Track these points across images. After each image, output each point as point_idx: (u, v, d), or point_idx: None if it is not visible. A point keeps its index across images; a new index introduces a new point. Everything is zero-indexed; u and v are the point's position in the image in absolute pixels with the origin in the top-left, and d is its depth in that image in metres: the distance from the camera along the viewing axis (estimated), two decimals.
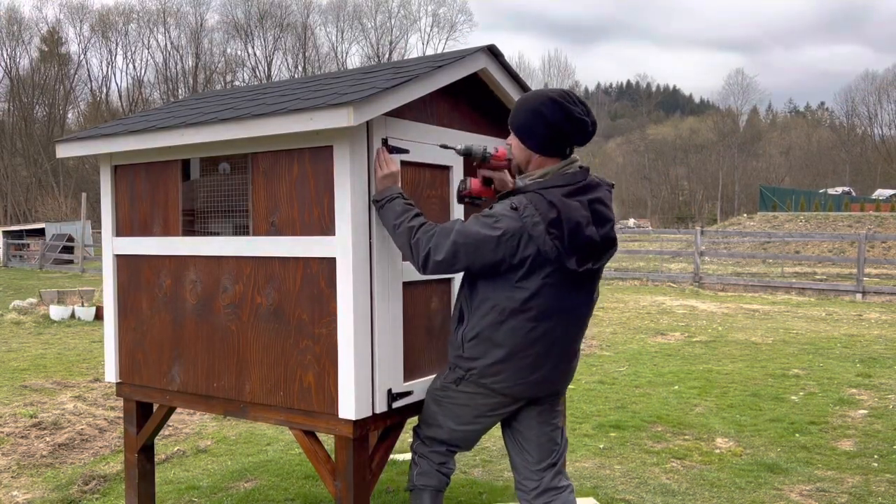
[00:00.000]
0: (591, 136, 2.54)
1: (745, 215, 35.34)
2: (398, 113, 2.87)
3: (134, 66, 75.40)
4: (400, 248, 2.68)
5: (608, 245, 2.55)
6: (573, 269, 2.46)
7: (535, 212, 2.41)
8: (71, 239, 29.44)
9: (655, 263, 22.56)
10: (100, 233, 14.93)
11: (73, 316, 12.51)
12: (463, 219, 3.10)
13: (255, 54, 64.69)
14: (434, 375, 3.07)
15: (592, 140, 2.63)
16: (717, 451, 5.13)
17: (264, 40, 64.24)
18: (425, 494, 2.95)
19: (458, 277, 3.21)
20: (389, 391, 2.85)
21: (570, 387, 3.39)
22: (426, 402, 2.92)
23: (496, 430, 5.65)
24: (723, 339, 9.95)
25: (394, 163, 2.74)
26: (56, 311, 12.47)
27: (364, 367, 2.75)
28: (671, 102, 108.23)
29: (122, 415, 4.70)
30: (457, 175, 3.21)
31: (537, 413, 2.81)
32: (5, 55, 57.80)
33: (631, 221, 58.87)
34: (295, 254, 2.86)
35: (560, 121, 2.47)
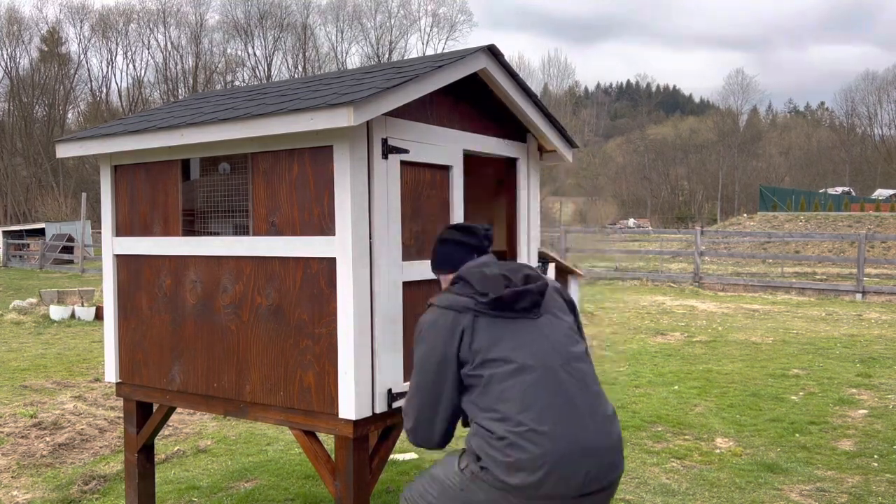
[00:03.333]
0: (489, 238, 2.64)
1: (745, 215, 35.34)
2: (398, 113, 2.87)
3: (134, 66, 75.40)
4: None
5: (529, 279, 2.40)
6: (498, 309, 2.32)
7: (444, 295, 2.42)
8: (71, 239, 29.42)
9: (655, 263, 22.56)
10: (100, 233, 14.93)
11: (73, 316, 12.51)
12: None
13: (255, 54, 64.73)
14: None
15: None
16: (717, 451, 5.13)
17: (264, 40, 64.28)
18: None
19: None
20: (389, 391, 2.85)
21: None
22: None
23: None
24: (723, 339, 9.95)
25: None
26: (56, 311, 12.47)
27: (364, 367, 2.75)
28: (671, 102, 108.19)
29: (122, 415, 4.70)
30: (457, 175, 3.21)
31: None
32: (5, 55, 57.85)
33: (631, 221, 58.89)
34: (295, 254, 2.86)
35: (453, 235, 2.64)
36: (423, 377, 2.39)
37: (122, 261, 3.51)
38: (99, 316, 12.34)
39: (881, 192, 46.44)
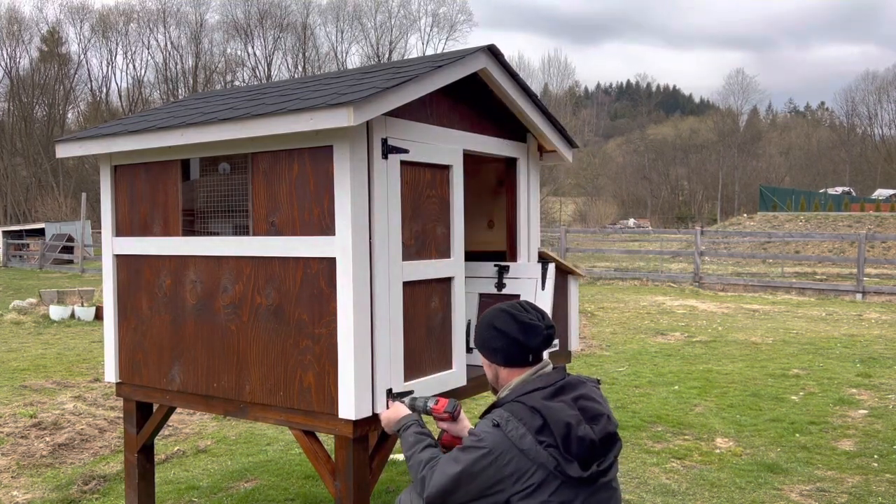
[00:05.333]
0: (550, 340, 2.43)
1: (745, 215, 35.34)
2: (398, 113, 2.87)
3: (134, 67, 75.32)
4: (413, 479, 2.46)
5: (610, 442, 2.27)
6: (578, 475, 2.16)
7: (518, 423, 2.20)
8: (71, 239, 29.42)
9: (655, 263, 22.55)
10: (100, 233, 14.93)
11: (73, 316, 12.51)
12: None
13: (255, 54, 64.69)
14: (436, 374, 3.07)
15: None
16: (717, 451, 5.13)
17: (264, 40, 64.24)
18: None
19: (458, 278, 3.21)
20: (389, 391, 2.85)
21: None
22: None
23: None
24: (723, 339, 9.95)
25: (401, 406, 2.67)
26: (56, 311, 12.47)
27: (364, 366, 2.75)
28: (671, 102, 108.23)
29: (122, 415, 4.70)
30: (457, 174, 3.21)
31: None
32: (5, 55, 57.83)
33: (631, 221, 58.91)
34: (295, 254, 2.86)
35: (513, 331, 2.39)
36: (462, 481, 2.21)
37: (122, 261, 3.50)
38: (99, 316, 12.34)
39: (881, 192, 46.45)
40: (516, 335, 2.38)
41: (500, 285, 3.74)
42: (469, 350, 3.39)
